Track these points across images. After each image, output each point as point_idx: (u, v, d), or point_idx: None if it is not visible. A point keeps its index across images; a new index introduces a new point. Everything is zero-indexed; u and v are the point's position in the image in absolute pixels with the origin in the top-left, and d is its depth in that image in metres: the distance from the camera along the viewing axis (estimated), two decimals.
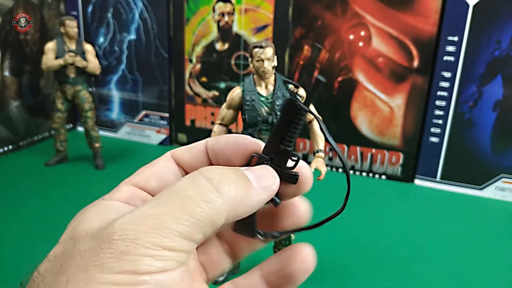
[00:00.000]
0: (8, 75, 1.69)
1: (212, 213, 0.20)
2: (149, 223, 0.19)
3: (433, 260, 1.09)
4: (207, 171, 0.22)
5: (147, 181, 0.25)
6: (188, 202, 0.20)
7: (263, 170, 0.24)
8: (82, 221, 0.22)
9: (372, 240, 1.17)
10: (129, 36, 1.86)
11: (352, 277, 1.01)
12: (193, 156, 0.27)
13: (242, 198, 0.22)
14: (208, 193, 0.20)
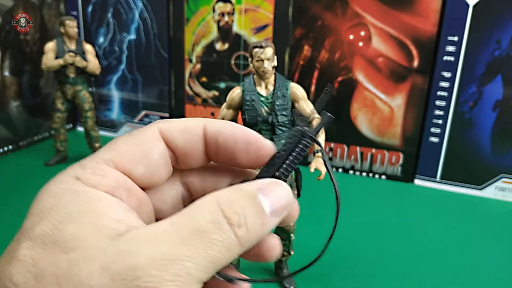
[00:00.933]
0: (8, 75, 1.69)
1: (229, 258, 0.20)
2: (175, 270, 0.17)
3: (433, 260, 1.09)
4: (228, 207, 0.20)
5: (133, 165, 0.22)
6: (212, 248, 0.19)
7: (281, 192, 0.22)
8: (68, 222, 0.18)
9: (372, 240, 1.17)
10: (129, 36, 1.86)
11: (352, 277, 1.01)
12: (186, 141, 0.23)
13: (257, 237, 0.21)
14: (229, 239, 0.19)
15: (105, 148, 0.22)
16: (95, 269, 0.17)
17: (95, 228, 0.18)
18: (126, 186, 0.21)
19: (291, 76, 1.65)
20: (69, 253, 0.17)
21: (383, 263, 1.07)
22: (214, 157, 0.24)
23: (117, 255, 0.17)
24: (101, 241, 0.18)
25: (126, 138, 0.23)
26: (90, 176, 0.20)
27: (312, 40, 1.59)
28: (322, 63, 1.61)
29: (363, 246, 1.14)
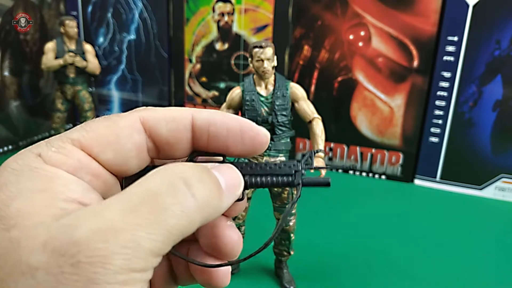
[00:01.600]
0: (8, 75, 1.69)
1: (187, 224, 0.18)
2: (122, 240, 0.16)
3: (433, 260, 1.09)
4: (183, 173, 0.18)
5: (101, 149, 0.20)
6: (166, 213, 0.17)
7: (232, 172, 0.21)
8: (18, 198, 0.17)
9: (372, 240, 1.17)
10: (129, 36, 1.86)
11: (351, 277, 1.01)
12: (173, 131, 0.22)
13: (215, 206, 0.19)
14: (187, 202, 0.18)
15: (77, 127, 0.21)
16: (36, 247, 0.15)
17: (44, 206, 0.17)
18: (91, 169, 0.20)
19: (291, 76, 1.65)
20: (11, 230, 0.16)
21: (383, 263, 1.07)
22: (202, 148, 0.23)
23: (58, 230, 0.16)
24: (47, 218, 0.16)
25: (101, 120, 0.21)
26: (53, 154, 0.19)
27: (312, 40, 1.59)
28: (322, 63, 1.61)
29: (363, 246, 1.14)
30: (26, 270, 0.15)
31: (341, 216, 1.30)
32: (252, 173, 0.24)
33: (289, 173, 0.24)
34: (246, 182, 0.23)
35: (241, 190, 0.22)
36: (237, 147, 0.22)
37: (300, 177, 0.24)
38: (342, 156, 1.66)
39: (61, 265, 0.15)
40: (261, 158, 0.91)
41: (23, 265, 0.15)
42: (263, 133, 0.23)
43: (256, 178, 0.24)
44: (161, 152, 0.23)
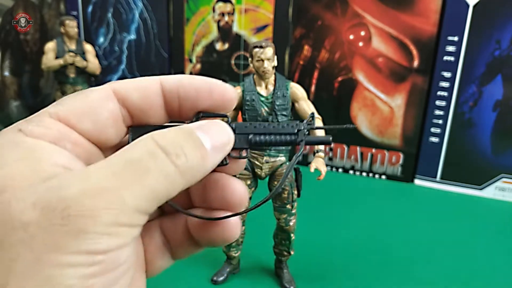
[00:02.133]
0: (8, 75, 1.69)
1: (170, 186, 0.19)
2: (108, 198, 0.17)
3: (433, 260, 1.09)
4: (163, 139, 0.20)
5: (78, 119, 0.21)
6: (147, 176, 0.18)
7: (218, 128, 0.22)
8: (3, 167, 0.18)
9: (371, 240, 1.17)
10: (129, 36, 1.86)
11: (351, 277, 1.01)
12: (144, 98, 0.23)
13: (198, 168, 0.20)
14: (167, 167, 0.19)
15: (52, 104, 0.22)
16: (27, 206, 0.17)
17: (30, 171, 0.18)
18: (71, 139, 0.21)
19: (291, 76, 1.65)
20: (1, 194, 0.17)
21: (383, 263, 1.07)
22: (176, 112, 0.24)
23: (47, 190, 0.17)
24: (35, 180, 0.18)
25: (75, 95, 0.22)
26: (33, 128, 0.20)
27: (312, 40, 1.59)
28: (322, 63, 1.61)
29: (363, 246, 1.14)
30: (18, 225, 0.16)
31: (341, 216, 1.30)
32: (255, 132, 0.25)
33: (291, 132, 0.25)
34: (250, 140, 0.24)
35: (230, 146, 0.23)
36: (207, 104, 0.23)
37: (303, 135, 0.25)
38: (342, 156, 1.66)
39: (51, 219, 0.16)
40: (261, 158, 0.91)
41: (15, 221, 0.16)
42: (230, 88, 0.24)
43: (260, 137, 0.25)
44: (136, 121, 0.24)
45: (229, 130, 0.23)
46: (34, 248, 0.16)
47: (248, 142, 0.25)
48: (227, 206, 0.25)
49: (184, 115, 0.24)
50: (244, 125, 0.25)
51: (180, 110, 0.24)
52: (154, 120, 0.24)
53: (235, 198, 0.25)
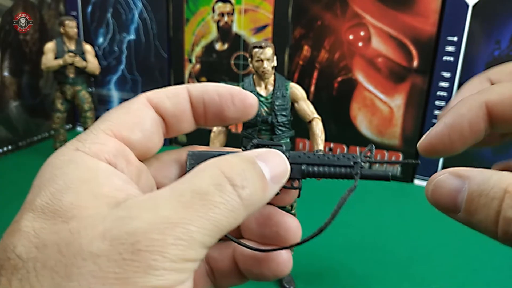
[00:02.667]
0: (8, 75, 1.69)
1: (233, 220, 0.19)
2: (177, 233, 0.17)
3: (433, 260, 1.09)
4: (229, 170, 0.20)
5: (130, 131, 0.22)
6: (214, 210, 0.18)
7: (278, 160, 0.22)
8: (67, 191, 0.18)
9: (371, 240, 1.17)
10: (128, 36, 1.86)
11: (351, 277, 1.01)
12: (175, 105, 0.24)
13: (259, 200, 0.21)
14: (232, 200, 0.19)
15: (100, 119, 0.22)
16: (96, 236, 0.17)
17: (93, 197, 0.18)
18: (125, 156, 0.21)
19: (291, 76, 1.65)
20: (69, 222, 0.17)
21: (382, 263, 1.07)
22: (202, 118, 0.25)
23: (116, 221, 0.17)
24: (101, 209, 0.18)
25: (117, 109, 0.23)
26: (91, 145, 0.20)
27: (312, 40, 1.59)
28: (322, 63, 1.61)
29: (362, 245, 1.14)
30: (88, 256, 0.16)
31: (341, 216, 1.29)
32: (309, 162, 0.24)
33: (347, 164, 0.24)
34: (304, 171, 0.24)
35: (286, 178, 0.23)
36: (230, 109, 0.24)
37: (359, 168, 0.24)
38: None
39: (122, 252, 0.16)
40: None
41: (84, 252, 0.17)
42: (251, 95, 0.25)
43: (313, 168, 0.24)
44: (170, 128, 0.25)
45: (287, 161, 0.23)
46: (105, 283, 0.16)
47: (301, 172, 0.24)
48: (280, 242, 0.25)
49: (210, 121, 0.25)
50: (298, 155, 0.24)
51: (206, 117, 0.25)
52: (185, 126, 0.25)
53: (289, 235, 0.25)
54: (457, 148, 0.26)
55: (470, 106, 0.23)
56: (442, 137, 0.26)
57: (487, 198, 0.20)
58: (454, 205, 0.23)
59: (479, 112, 0.23)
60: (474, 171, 0.21)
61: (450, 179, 0.22)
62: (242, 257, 0.25)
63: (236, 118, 0.25)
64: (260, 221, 0.25)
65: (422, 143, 0.28)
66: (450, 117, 0.25)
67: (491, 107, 0.23)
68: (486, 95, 0.23)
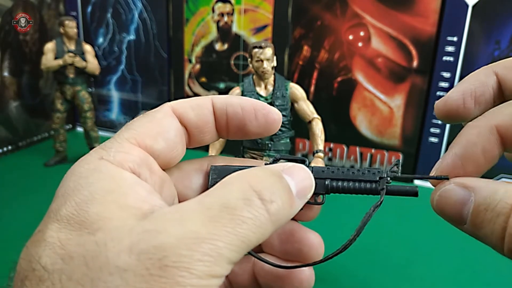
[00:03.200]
0: (8, 76, 1.69)
1: (260, 236, 0.19)
2: (205, 249, 0.17)
3: (433, 261, 1.09)
4: (257, 183, 0.19)
5: (154, 140, 0.22)
6: (243, 226, 0.18)
7: (303, 175, 0.22)
8: (93, 202, 0.18)
9: (371, 240, 1.17)
10: (128, 36, 1.86)
11: (351, 277, 1.01)
12: (199, 116, 0.24)
13: (286, 215, 0.20)
14: (261, 215, 0.19)
15: (124, 128, 0.22)
16: (122, 250, 0.16)
17: (119, 207, 0.18)
18: (149, 165, 0.21)
19: (291, 76, 1.65)
20: (95, 234, 0.17)
21: (383, 263, 1.07)
22: (224, 131, 0.25)
23: (143, 234, 0.17)
24: (127, 221, 0.18)
25: (141, 118, 0.23)
26: (115, 154, 0.20)
27: (312, 40, 1.59)
28: (322, 63, 1.61)
29: (362, 246, 1.14)
30: (115, 271, 0.16)
31: (341, 216, 1.30)
32: (334, 177, 0.24)
33: (373, 179, 0.24)
34: (327, 186, 0.24)
35: (311, 193, 0.22)
36: (253, 124, 0.24)
37: (385, 184, 0.24)
38: (341, 156, 1.66)
39: (149, 268, 0.16)
40: (261, 158, 0.91)
41: (111, 266, 0.16)
42: (274, 111, 0.25)
43: (338, 183, 0.24)
44: (192, 138, 0.24)
45: (312, 176, 0.22)
46: None
47: (325, 187, 0.24)
48: (302, 259, 0.25)
49: (232, 134, 0.25)
50: (321, 169, 0.24)
51: (228, 129, 0.24)
52: (208, 137, 0.25)
53: (312, 253, 0.25)
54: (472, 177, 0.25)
55: (480, 132, 0.22)
56: (455, 170, 0.24)
57: (493, 213, 0.19)
58: (460, 217, 0.22)
59: (491, 138, 0.22)
60: (480, 182, 0.20)
61: (456, 189, 0.21)
62: (262, 272, 0.25)
63: (258, 133, 0.25)
64: (283, 237, 0.25)
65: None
66: (460, 147, 0.23)
67: (503, 132, 0.22)
68: (496, 119, 0.22)
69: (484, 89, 0.23)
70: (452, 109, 0.25)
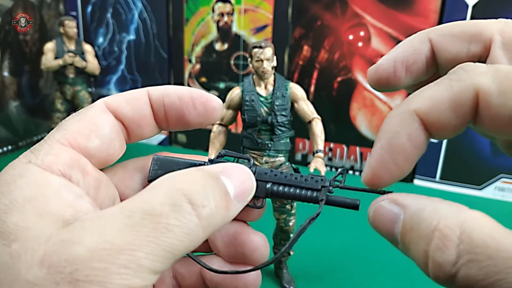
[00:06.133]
0: (7, 76, 1.69)
1: (189, 244, 0.17)
2: (121, 261, 0.15)
3: None
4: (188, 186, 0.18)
5: (87, 139, 0.21)
6: (168, 235, 0.16)
7: (242, 174, 0.21)
8: (12, 210, 0.17)
9: (371, 240, 1.17)
10: (128, 36, 1.86)
11: (351, 277, 1.01)
12: (135, 109, 0.23)
13: (221, 219, 0.19)
14: (190, 221, 0.17)
15: (55, 129, 0.21)
16: (35, 262, 0.16)
17: (38, 215, 0.17)
18: (82, 166, 0.20)
19: (291, 76, 1.65)
20: (11, 245, 0.16)
21: (382, 263, 1.07)
22: (164, 123, 0.24)
23: (58, 245, 0.16)
24: (45, 229, 0.16)
25: (72, 117, 0.22)
26: (44, 157, 0.19)
27: (312, 40, 1.59)
28: (322, 63, 1.61)
29: (362, 246, 1.14)
30: (24, 285, 0.15)
31: (341, 216, 1.29)
32: (275, 180, 0.23)
33: (315, 187, 0.23)
34: (268, 190, 0.23)
35: (252, 195, 0.21)
36: (191, 113, 0.23)
37: (326, 193, 0.23)
38: (342, 157, 1.66)
39: (59, 282, 0.15)
40: (261, 158, 0.91)
41: (21, 280, 0.15)
42: (213, 98, 0.23)
43: (279, 187, 0.23)
44: (131, 133, 0.23)
45: (253, 178, 0.21)
46: None
47: (265, 191, 0.23)
48: (248, 261, 0.24)
49: (172, 125, 0.24)
50: (264, 171, 0.23)
51: (167, 120, 0.23)
52: (147, 131, 0.24)
53: (256, 255, 0.24)
54: (404, 169, 0.23)
55: (402, 120, 0.20)
56: (384, 164, 0.23)
57: (417, 233, 0.18)
58: (392, 236, 0.21)
59: (414, 123, 0.20)
60: (411, 198, 0.19)
61: (388, 206, 0.20)
62: (209, 275, 0.24)
63: (198, 122, 0.24)
64: (226, 240, 0.24)
65: (366, 177, 0.24)
66: (384, 139, 0.21)
67: (423, 116, 0.20)
68: (415, 103, 0.20)
69: (416, 57, 0.22)
70: (383, 77, 0.23)
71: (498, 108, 0.18)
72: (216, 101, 0.24)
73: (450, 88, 0.19)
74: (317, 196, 0.23)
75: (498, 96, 0.18)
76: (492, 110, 0.18)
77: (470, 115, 0.19)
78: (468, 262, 0.16)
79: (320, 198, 0.23)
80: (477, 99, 0.19)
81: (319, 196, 0.23)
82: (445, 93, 0.19)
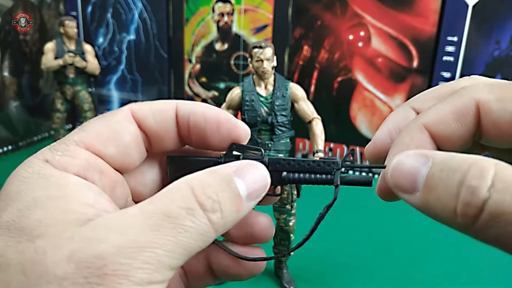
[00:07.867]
0: (8, 76, 1.69)
1: (202, 243, 0.19)
2: (144, 257, 0.17)
3: (434, 260, 1.09)
4: (201, 192, 0.19)
5: (104, 145, 0.21)
6: (183, 234, 0.18)
7: (256, 173, 0.21)
8: (35, 207, 0.18)
9: (371, 240, 1.17)
10: (128, 36, 1.86)
11: (351, 277, 1.01)
12: (159, 123, 0.23)
13: (231, 221, 0.20)
14: (203, 225, 0.19)
15: (75, 130, 0.21)
16: (62, 258, 0.16)
17: (62, 213, 0.18)
18: (98, 167, 0.21)
19: (291, 76, 1.65)
20: (35, 241, 0.17)
21: (383, 263, 1.07)
22: (187, 139, 0.24)
23: (83, 242, 0.17)
24: (69, 227, 0.17)
25: (97, 119, 0.22)
26: (60, 158, 0.20)
27: (312, 40, 1.59)
28: (322, 63, 1.61)
29: (362, 245, 1.14)
30: (53, 280, 0.16)
31: (341, 217, 1.30)
32: (289, 169, 0.24)
33: (328, 171, 0.24)
34: (284, 178, 0.24)
35: (265, 192, 0.22)
36: (214, 137, 0.23)
37: (339, 176, 0.23)
38: (341, 156, 1.66)
39: (87, 276, 0.16)
40: None
41: (50, 275, 0.16)
42: (242, 126, 0.23)
43: (294, 175, 0.24)
44: (153, 144, 0.23)
45: (267, 175, 0.22)
46: None
47: (281, 180, 0.24)
48: (254, 241, 0.25)
49: (195, 144, 0.24)
50: (277, 162, 0.24)
51: (190, 138, 0.23)
52: (170, 144, 0.24)
53: (263, 234, 0.25)
54: None
55: (411, 133, 0.22)
56: None
57: (450, 172, 0.19)
58: (412, 183, 0.21)
59: (423, 135, 0.22)
60: (441, 152, 0.20)
61: (413, 157, 0.20)
62: (216, 260, 0.25)
63: (221, 147, 0.23)
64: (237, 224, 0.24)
65: (379, 189, 0.26)
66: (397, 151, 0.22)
67: (431, 128, 0.22)
68: (423, 118, 0.22)
69: (407, 122, 0.23)
70: (382, 148, 0.25)
71: (498, 113, 0.20)
72: (243, 129, 0.23)
73: (453, 103, 0.21)
74: (331, 178, 0.24)
75: (497, 103, 0.20)
76: (493, 115, 0.20)
77: (473, 125, 0.21)
78: (501, 190, 0.17)
79: (335, 183, 0.23)
80: (479, 109, 0.21)
81: (334, 179, 0.23)
82: (449, 107, 0.21)
